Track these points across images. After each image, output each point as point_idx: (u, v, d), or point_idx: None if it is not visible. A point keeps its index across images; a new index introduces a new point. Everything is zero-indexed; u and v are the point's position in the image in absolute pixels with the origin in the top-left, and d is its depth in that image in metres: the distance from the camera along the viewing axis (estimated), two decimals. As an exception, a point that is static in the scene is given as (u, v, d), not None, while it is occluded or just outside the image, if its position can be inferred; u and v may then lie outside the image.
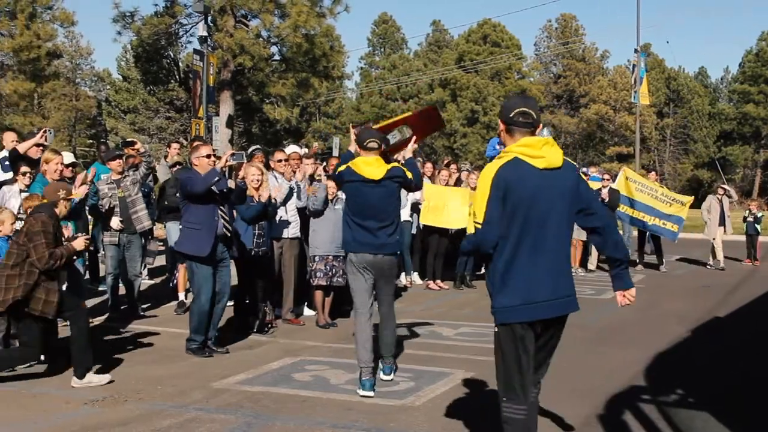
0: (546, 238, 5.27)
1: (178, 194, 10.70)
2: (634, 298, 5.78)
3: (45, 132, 11.60)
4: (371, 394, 7.98)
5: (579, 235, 18.02)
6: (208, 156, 9.92)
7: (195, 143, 11.89)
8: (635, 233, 20.90)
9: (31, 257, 8.20)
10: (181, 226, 10.18)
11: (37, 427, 7.00)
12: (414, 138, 9.33)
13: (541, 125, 5.57)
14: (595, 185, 18.82)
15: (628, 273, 5.86)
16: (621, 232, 21.53)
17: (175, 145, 14.55)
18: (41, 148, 11.36)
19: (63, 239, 8.60)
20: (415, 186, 8.95)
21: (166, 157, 14.48)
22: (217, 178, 9.60)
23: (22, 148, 11.29)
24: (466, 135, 67.45)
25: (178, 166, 13.30)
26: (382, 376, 8.50)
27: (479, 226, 5.26)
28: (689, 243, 25.42)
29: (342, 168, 8.41)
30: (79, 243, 8.57)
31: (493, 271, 5.32)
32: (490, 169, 5.27)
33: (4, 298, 8.15)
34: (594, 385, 8.51)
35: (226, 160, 10.01)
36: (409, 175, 8.55)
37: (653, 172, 21.86)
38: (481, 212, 5.24)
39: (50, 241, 8.25)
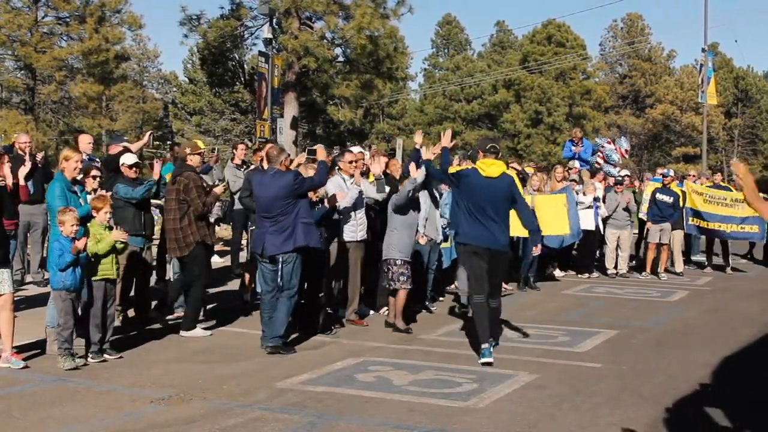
0: (486, 212, 9.64)
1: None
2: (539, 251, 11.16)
3: (151, 135, 12.54)
4: None
5: (653, 238, 17.87)
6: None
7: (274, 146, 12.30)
8: (703, 238, 20.54)
9: (192, 207, 10.66)
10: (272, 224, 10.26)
11: (104, 424, 7.11)
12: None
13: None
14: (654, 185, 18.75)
15: (538, 236, 10.70)
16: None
17: (241, 146, 14.70)
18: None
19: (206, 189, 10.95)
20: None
21: (233, 158, 14.62)
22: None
23: (134, 148, 12.24)
24: (530, 136, 66.92)
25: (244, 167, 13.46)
26: None
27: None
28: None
29: None
30: (219, 189, 11.29)
31: (459, 225, 10.05)
32: (455, 170, 10.27)
33: (187, 244, 10.70)
34: (659, 388, 8.40)
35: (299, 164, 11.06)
36: None
37: (719, 174, 21.28)
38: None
39: (201, 192, 10.72)
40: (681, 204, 18.25)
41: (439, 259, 13.58)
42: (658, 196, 17.96)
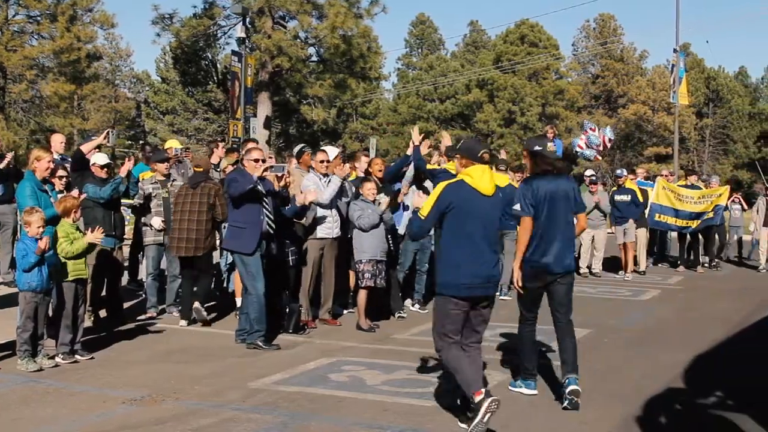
0: None
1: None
2: None
3: (108, 133, 12.02)
4: None
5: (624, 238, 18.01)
6: (257, 160, 10.33)
7: (249, 145, 12.37)
8: (674, 235, 20.68)
9: (216, 212, 11.41)
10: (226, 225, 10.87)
11: (75, 425, 7.06)
12: None
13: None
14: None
15: None
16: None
17: (222, 145, 14.69)
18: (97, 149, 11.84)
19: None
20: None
21: (210, 155, 14.54)
22: (251, 186, 10.07)
23: (86, 148, 11.66)
24: (503, 136, 67.15)
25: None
26: None
27: None
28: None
29: None
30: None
31: None
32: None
33: (204, 245, 11.40)
34: (632, 387, 8.44)
35: (265, 169, 10.56)
36: None
37: (694, 176, 21.31)
38: None
39: (224, 201, 11.16)
40: (640, 200, 18.36)
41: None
42: (616, 197, 18.26)
